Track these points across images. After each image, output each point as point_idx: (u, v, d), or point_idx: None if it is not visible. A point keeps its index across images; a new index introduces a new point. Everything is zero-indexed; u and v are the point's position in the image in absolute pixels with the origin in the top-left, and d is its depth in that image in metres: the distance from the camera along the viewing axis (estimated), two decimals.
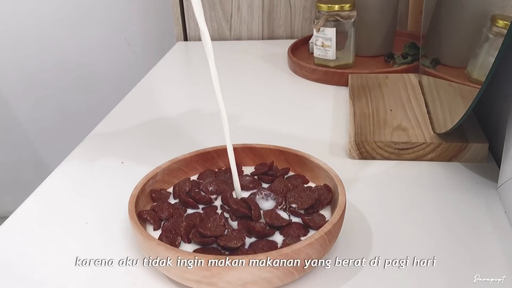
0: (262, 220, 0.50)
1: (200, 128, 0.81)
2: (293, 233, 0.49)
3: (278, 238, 0.49)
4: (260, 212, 0.51)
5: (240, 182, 0.55)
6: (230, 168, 0.56)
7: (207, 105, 0.90)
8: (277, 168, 0.59)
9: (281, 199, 0.53)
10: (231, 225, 0.50)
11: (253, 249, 0.47)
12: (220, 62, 1.16)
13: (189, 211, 0.53)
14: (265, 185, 0.56)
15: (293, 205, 0.52)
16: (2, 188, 1.70)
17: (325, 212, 0.52)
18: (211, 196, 0.54)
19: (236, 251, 0.47)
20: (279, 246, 0.47)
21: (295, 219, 0.51)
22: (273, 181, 0.56)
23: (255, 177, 0.58)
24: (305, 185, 0.56)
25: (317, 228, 0.48)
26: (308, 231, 0.49)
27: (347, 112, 0.81)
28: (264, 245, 0.47)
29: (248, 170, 0.60)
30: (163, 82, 1.02)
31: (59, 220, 0.59)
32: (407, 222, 0.56)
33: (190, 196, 0.54)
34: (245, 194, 0.55)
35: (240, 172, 0.59)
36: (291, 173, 0.59)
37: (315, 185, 0.56)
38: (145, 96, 0.83)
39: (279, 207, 0.52)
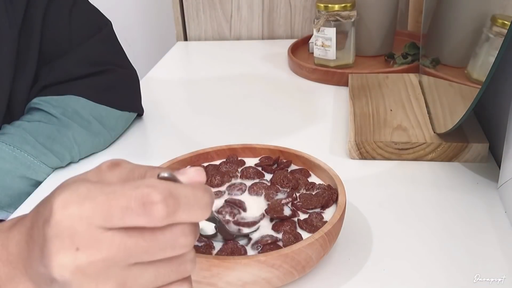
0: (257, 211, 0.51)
1: (200, 128, 0.81)
2: (288, 230, 0.48)
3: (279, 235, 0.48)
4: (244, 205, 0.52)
5: (244, 173, 0.57)
6: (229, 159, 0.59)
7: (207, 105, 0.90)
8: (282, 161, 0.59)
9: (291, 192, 0.53)
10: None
11: (258, 244, 0.47)
12: (220, 62, 1.17)
13: None
14: (268, 176, 0.57)
15: (298, 202, 0.52)
16: None
17: (330, 211, 0.52)
18: (220, 189, 0.55)
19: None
20: (279, 241, 0.47)
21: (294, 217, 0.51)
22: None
23: (259, 168, 0.58)
24: (308, 179, 0.56)
25: (311, 231, 0.48)
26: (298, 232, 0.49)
27: (347, 112, 0.81)
28: (270, 243, 0.47)
29: (251, 161, 0.60)
30: (163, 82, 1.02)
31: None
32: (407, 222, 0.56)
33: None
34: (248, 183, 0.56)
35: (241, 162, 0.59)
36: (295, 167, 0.59)
37: (319, 181, 0.56)
38: (145, 96, 0.83)
39: (284, 201, 0.52)
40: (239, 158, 0.60)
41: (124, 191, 0.30)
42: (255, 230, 0.49)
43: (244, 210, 0.52)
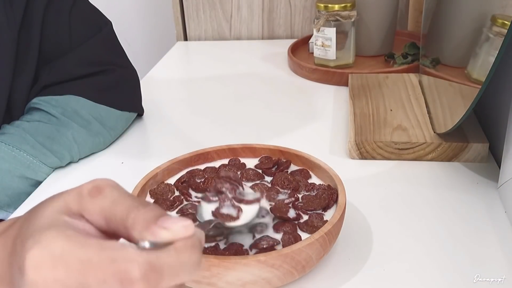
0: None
1: (199, 128, 0.81)
2: (288, 230, 0.48)
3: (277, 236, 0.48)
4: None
5: (244, 175, 0.56)
6: (230, 162, 0.59)
7: (206, 105, 0.90)
8: (282, 162, 0.59)
9: (292, 193, 0.53)
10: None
11: (255, 247, 0.47)
12: (220, 62, 1.17)
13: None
14: (268, 179, 0.57)
15: (299, 203, 0.52)
16: None
17: (330, 211, 0.52)
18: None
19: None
20: (280, 241, 0.47)
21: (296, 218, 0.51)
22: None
23: (260, 170, 0.58)
24: (308, 180, 0.56)
25: (311, 232, 0.48)
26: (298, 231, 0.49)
27: (347, 112, 0.81)
28: (266, 248, 0.47)
29: (251, 162, 0.60)
30: (163, 82, 1.02)
31: None
32: (407, 222, 0.56)
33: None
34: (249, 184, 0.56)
35: (242, 165, 0.59)
36: (295, 167, 0.59)
37: (319, 181, 0.56)
38: (145, 96, 0.83)
39: (287, 201, 0.52)
40: (241, 162, 0.60)
41: (101, 263, 0.28)
42: (257, 221, 0.48)
43: (240, 184, 0.50)
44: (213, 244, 0.47)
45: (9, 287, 0.32)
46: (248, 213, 0.47)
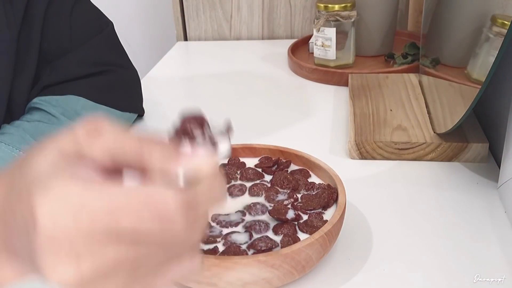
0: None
1: None
2: (287, 232, 0.48)
3: (276, 237, 0.48)
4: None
5: (243, 174, 0.56)
6: (230, 161, 0.59)
7: (207, 105, 0.90)
8: (282, 161, 0.59)
9: (291, 194, 0.53)
10: None
11: (253, 248, 0.47)
12: (220, 62, 1.16)
13: None
14: (268, 177, 0.57)
15: (299, 203, 0.52)
16: None
17: (330, 210, 0.52)
18: None
19: None
20: (278, 243, 0.47)
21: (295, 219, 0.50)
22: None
23: (259, 169, 0.58)
24: (308, 180, 0.56)
25: (311, 233, 0.48)
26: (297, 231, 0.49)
27: (347, 112, 0.81)
28: (264, 250, 0.47)
29: (251, 161, 0.60)
30: (163, 82, 1.02)
31: None
32: (407, 222, 0.56)
33: None
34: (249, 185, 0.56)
35: (242, 164, 0.59)
36: (295, 167, 0.59)
37: (319, 181, 0.56)
38: (145, 96, 0.83)
39: (287, 202, 0.52)
40: (240, 160, 0.60)
41: (134, 206, 0.25)
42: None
43: (207, 123, 0.44)
44: (212, 246, 0.47)
45: (4, 252, 0.28)
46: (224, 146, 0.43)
